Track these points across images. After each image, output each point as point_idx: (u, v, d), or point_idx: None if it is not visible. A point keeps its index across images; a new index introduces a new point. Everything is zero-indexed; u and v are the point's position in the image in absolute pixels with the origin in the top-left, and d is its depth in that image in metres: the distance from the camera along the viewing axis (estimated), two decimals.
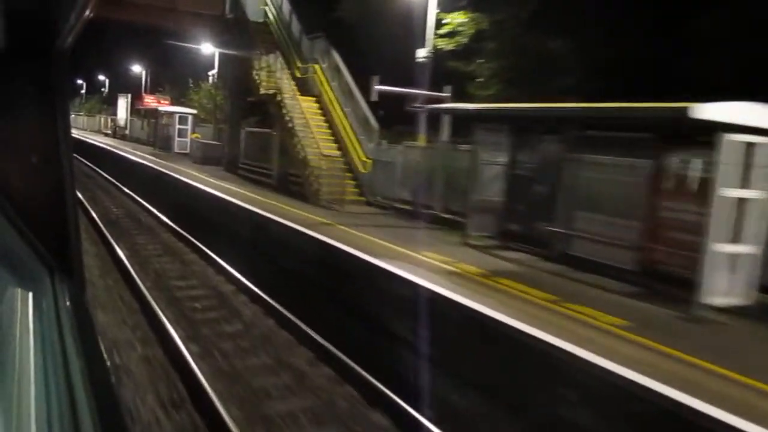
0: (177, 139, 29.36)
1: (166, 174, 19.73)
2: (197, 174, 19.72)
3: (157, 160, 24.97)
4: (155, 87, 39.58)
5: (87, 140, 39.22)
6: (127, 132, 42.67)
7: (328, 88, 17.20)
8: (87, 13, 1.20)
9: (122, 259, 10.20)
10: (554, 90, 14.44)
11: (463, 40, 16.71)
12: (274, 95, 17.00)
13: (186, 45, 29.78)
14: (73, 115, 70.77)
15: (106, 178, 24.74)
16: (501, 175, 10.12)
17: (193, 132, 29.31)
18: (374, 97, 14.49)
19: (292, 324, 7.44)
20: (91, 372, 0.92)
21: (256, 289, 8.74)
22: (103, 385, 0.92)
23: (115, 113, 50.30)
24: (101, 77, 53.63)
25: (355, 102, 16.39)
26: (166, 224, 14.17)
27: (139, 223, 15.17)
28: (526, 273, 8.17)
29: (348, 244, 9.04)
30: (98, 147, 34.53)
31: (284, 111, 16.50)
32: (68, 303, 1.25)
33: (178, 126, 29.41)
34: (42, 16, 1.30)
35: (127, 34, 40.52)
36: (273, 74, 17.50)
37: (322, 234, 9.90)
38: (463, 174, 11.33)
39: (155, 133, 33.29)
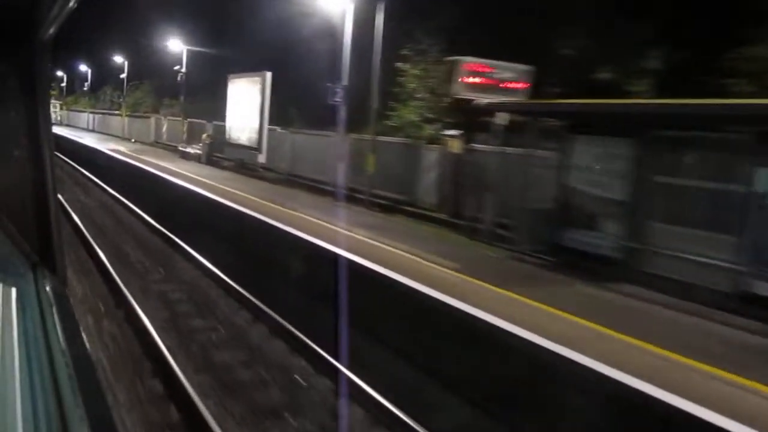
0: None
1: None
2: None
3: None
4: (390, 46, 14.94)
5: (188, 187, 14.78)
6: (260, 158, 18.25)
7: None
8: (70, 4, 1.18)
9: None
10: None
11: None
12: None
13: None
14: (100, 114, 46.61)
15: None
16: None
17: None
18: None
19: None
20: (76, 365, 0.93)
21: None
22: (87, 378, 0.93)
23: (195, 113, 26.21)
24: (172, 44, 29.07)
25: None
26: None
27: None
28: None
29: None
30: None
31: None
32: (51, 297, 1.27)
33: None
34: (22, 5, 1.31)
35: None
36: None
37: None
38: None
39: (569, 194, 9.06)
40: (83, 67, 47.00)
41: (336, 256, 8.10)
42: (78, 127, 51.34)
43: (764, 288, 6.46)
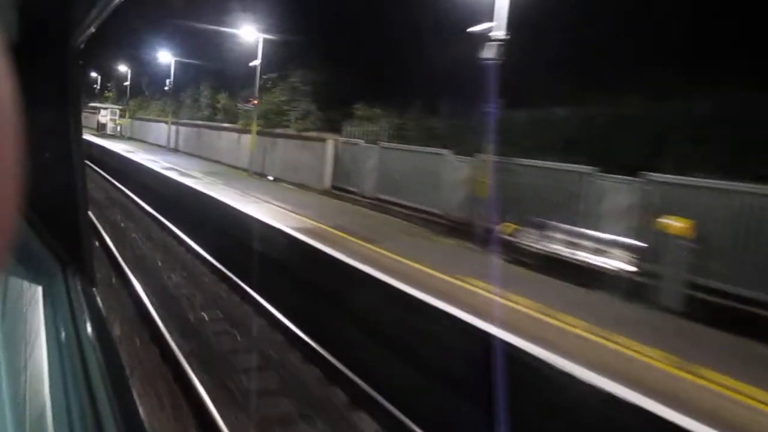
0: None
1: None
2: None
3: None
4: None
5: None
6: None
7: None
8: (106, 12, 1.25)
9: None
10: None
11: None
12: None
13: None
14: (189, 128, 30.50)
15: None
16: None
17: None
18: None
19: None
20: (105, 361, 0.96)
21: None
22: (116, 374, 0.96)
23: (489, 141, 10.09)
24: None
25: None
26: None
27: None
28: None
29: None
30: None
31: None
32: (81, 296, 1.31)
33: None
34: (58, 13, 1.37)
35: None
36: None
37: None
38: None
39: None
40: (163, 58, 32.02)
41: None
42: (148, 143, 36.40)
43: None
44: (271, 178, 20.19)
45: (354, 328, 7.39)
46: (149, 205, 15.54)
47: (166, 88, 32.22)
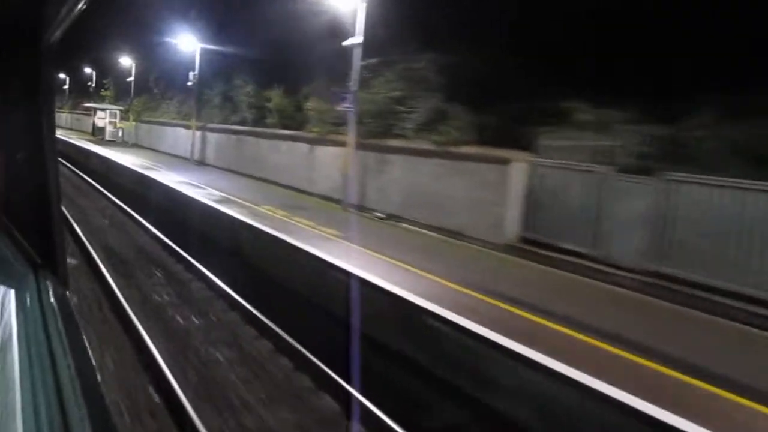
0: None
1: None
2: None
3: None
4: None
5: None
6: None
7: None
8: (78, 7, 1.17)
9: None
10: None
11: None
12: None
13: None
14: (225, 134, 21.17)
15: None
16: None
17: None
18: None
19: None
20: (77, 366, 0.92)
21: None
22: (89, 379, 0.92)
23: None
24: None
25: None
26: None
27: None
28: None
29: None
30: None
31: None
32: (53, 299, 1.26)
33: None
34: (29, 9, 1.28)
35: None
36: None
37: None
38: None
39: None
40: (185, 46, 24.90)
41: None
42: (161, 153, 29.36)
43: None
44: (381, 215, 13.35)
45: None
46: (242, 296, 8.63)
47: (189, 83, 25.07)
